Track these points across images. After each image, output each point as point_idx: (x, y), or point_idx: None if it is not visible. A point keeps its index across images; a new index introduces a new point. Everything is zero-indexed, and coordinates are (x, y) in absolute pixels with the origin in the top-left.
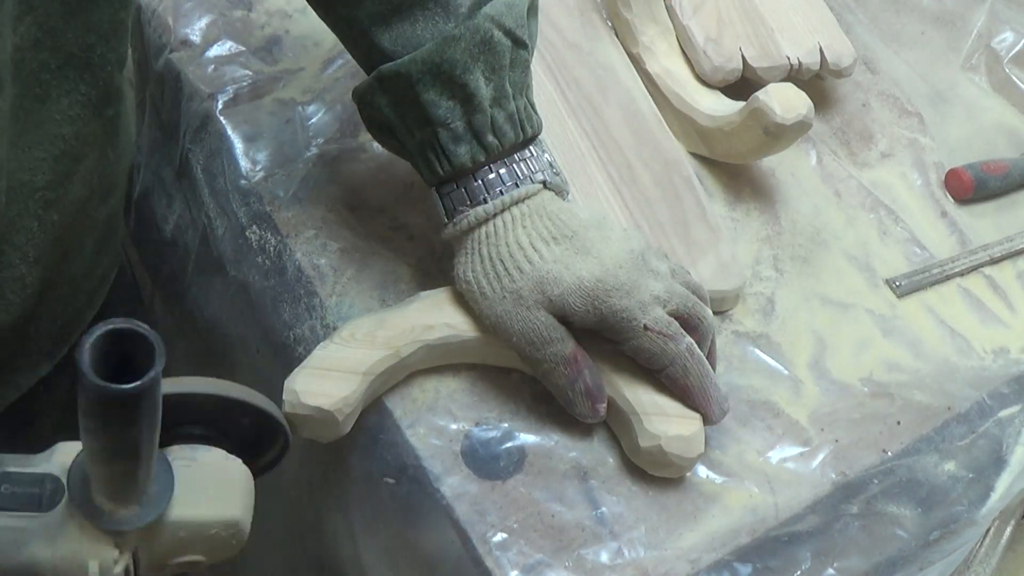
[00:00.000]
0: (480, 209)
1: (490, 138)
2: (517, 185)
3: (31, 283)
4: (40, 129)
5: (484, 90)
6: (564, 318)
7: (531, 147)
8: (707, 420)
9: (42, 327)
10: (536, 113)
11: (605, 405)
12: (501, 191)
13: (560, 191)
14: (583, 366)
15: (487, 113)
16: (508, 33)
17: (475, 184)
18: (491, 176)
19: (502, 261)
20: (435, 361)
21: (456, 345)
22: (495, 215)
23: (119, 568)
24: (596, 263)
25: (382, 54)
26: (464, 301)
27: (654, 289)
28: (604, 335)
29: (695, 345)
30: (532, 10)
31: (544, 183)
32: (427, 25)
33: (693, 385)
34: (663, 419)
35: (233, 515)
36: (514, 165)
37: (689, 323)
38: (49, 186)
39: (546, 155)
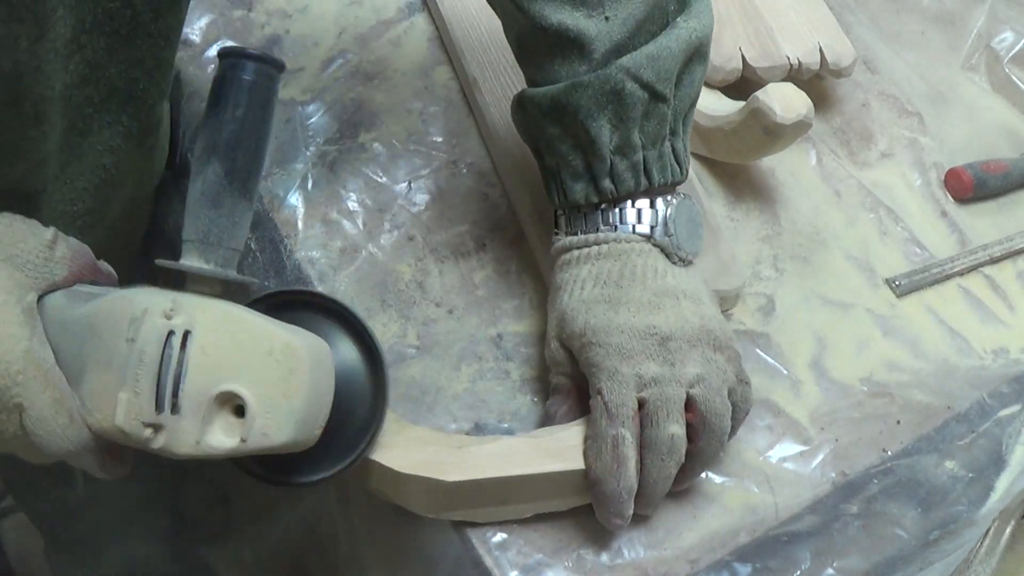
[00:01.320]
0: (566, 239)
1: (606, 183)
2: (615, 228)
3: None
4: (82, 161)
5: (607, 138)
6: (573, 356)
7: (659, 197)
8: (597, 512)
9: None
10: (679, 164)
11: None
12: (597, 229)
13: (670, 252)
14: (564, 402)
15: (607, 161)
16: (645, 86)
17: (579, 215)
18: (595, 214)
19: (558, 289)
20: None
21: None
22: (579, 247)
23: (170, 321)
24: (606, 318)
25: (529, 80)
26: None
27: (643, 370)
28: None
29: (627, 442)
30: (699, 56)
31: (648, 237)
32: (563, 63)
33: (594, 474)
34: None
35: (295, 344)
36: (626, 210)
37: (651, 418)
38: (89, 212)
39: (670, 210)
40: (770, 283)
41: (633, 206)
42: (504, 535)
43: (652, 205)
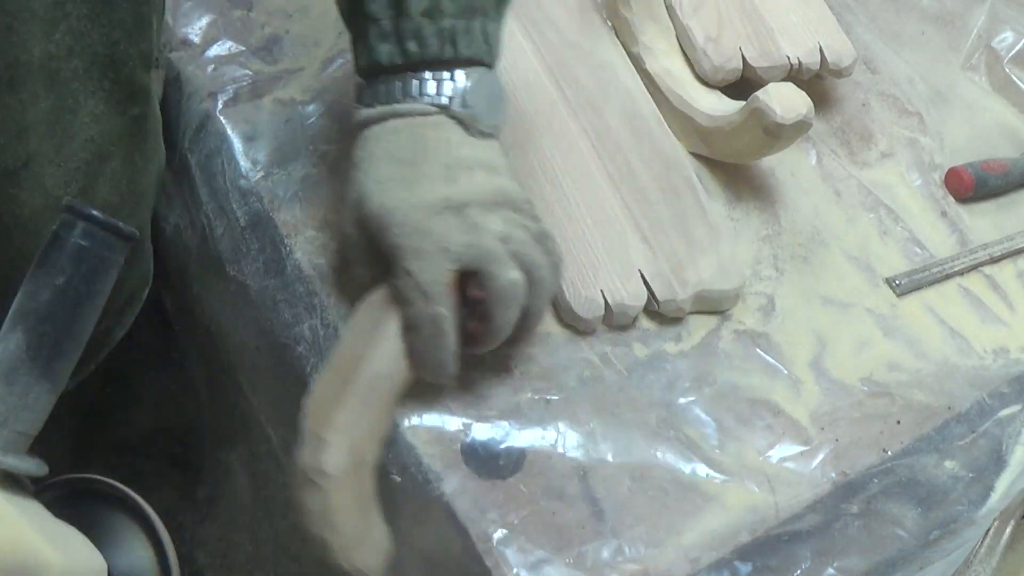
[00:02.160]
0: (363, 113)
1: (411, 44)
2: (414, 99)
3: None
4: (74, 140)
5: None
6: (370, 239)
7: (461, 70)
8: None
9: None
10: (489, 44)
11: None
12: (395, 100)
13: (468, 125)
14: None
15: (415, 21)
16: None
17: (378, 85)
18: (393, 84)
19: (355, 167)
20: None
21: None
22: (376, 121)
23: None
24: (403, 196)
25: None
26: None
27: (450, 241)
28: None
29: (447, 320)
30: None
31: (444, 108)
32: None
33: (419, 351)
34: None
35: (50, 562)
36: (426, 82)
37: (487, 273)
38: (81, 192)
39: (470, 83)
40: (770, 283)
41: (433, 78)
42: (505, 531)
43: (452, 77)
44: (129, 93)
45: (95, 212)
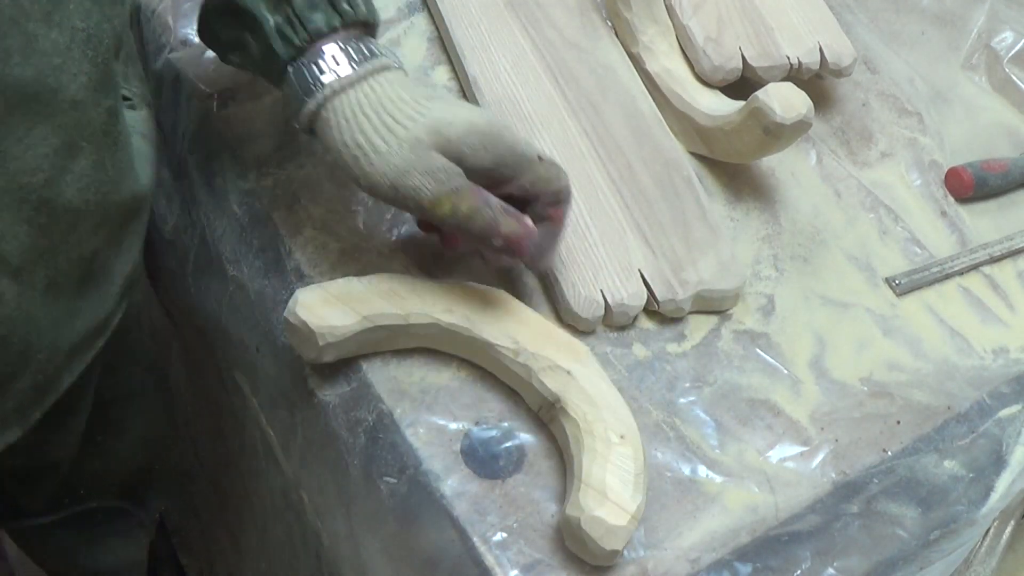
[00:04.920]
0: (363, 66)
1: (344, 5)
2: (377, 56)
3: (10, 300)
4: (49, 121)
5: None
6: (459, 161)
7: (375, 40)
8: (539, 263)
9: (17, 377)
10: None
11: (528, 218)
12: (365, 56)
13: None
14: (484, 192)
15: None
16: None
17: (331, 55)
18: (350, 45)
19: (391, 115)
20: (438, 345)
21: (464, 339)
22: (370, 75)
23: None
24: (480, 112)
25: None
26: (497, 306)
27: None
28: (497, 177)
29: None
30: None
31: (396, 66)
32: None
33: (563, 225)
34: (598, 497)
35: None
36: (365, 44)
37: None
38: (46, 184)
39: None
40: (770, 283)
41: (371, 43)
42: (504, 534)
43: (376, 44)
44: (102, 78)
45: None
